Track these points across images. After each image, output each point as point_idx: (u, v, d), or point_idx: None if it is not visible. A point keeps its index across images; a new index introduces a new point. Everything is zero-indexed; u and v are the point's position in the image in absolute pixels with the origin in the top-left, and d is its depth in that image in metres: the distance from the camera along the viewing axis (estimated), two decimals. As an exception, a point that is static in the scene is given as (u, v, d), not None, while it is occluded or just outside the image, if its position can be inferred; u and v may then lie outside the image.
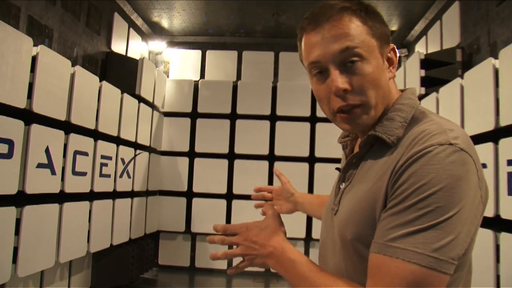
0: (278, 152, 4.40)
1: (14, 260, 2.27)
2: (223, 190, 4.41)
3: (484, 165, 2.27)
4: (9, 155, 2.18)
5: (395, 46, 1.01)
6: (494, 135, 2.25)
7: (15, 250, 2.27)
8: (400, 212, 0.79)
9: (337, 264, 0.99)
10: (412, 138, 0.87)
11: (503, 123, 2.19)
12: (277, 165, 4.38)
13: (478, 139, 2.38)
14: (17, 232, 2.28)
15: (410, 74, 3.59)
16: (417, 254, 0.75)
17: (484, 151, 2.27)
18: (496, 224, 2.19)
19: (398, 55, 1.02)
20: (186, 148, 4.53)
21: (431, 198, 0.77)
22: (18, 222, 2.29)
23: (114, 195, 3.47)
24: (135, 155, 3.83)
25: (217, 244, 1.07)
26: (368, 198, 0.90)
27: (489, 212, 2.19)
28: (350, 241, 0.92)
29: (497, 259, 2.12)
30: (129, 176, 3.72)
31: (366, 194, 0.91)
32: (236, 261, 1.07)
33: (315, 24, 0.93)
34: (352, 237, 0.91)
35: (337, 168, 1.14)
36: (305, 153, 4.36)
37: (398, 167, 0.84)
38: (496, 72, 2.27)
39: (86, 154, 2.96)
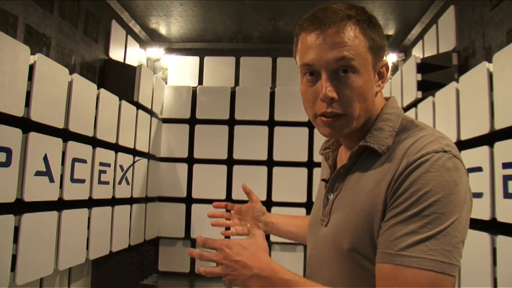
0: (276, 157, 4.41)
1: (13, 268, 2.27)
2: (223, 195, 4.41)
3: (479, 169, 2.28)
4: (7, 163, 2.19)
5: (388, 62, 1.02)
6: (489, 139, 2.26)
7: (14, 258, 2.28)
8: (406, 221, 0.80)
9: (331, 275, 0.98)
10: (407, 147, 0.88)
11: (498, 126, 2.20)
12: (276, 170, 4.39)
13: (474, 142, 2.39)
14: (15, 240, 2.29)
15: (407, 78, 3.60)
16: (432, 261, 0.77)
17: (480, 154, 2.28)
18: (493, 227, 2.19)
19: (389, 70, 1.03)
20: (185, 154, 4.53)
21: (435, 205, 0.79)
22: (16, 230, 2.30)
23: (113, 202, 3.47)
24: (134, 162, 3.84)
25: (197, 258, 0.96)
26: (364, 207, 0.90)
27: (486, 215, 2.20)
28: (347, 250, 0.92)
29: (494, 262, 2.12)
30: (128, 183, 3.72)
31: (362, 203, 0.91)
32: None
33: (316, 26, 0.92)
34: (349, 246, 0.91)
35: (323, 179, 1.12)
36: (304, 158, 4.37)
37: (397, 176, 0.85)
38: (491, 75, 2.28)
39: (84, 161, 2.97)
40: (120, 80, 3.81)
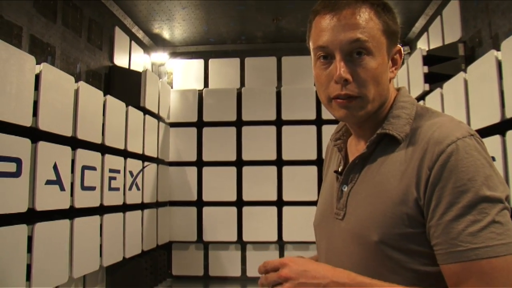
0: (285, 156, 4.39)
1: (28, 277, 2.28)
2: (233, 197, 4.40)
3: (492, 158, 2.25)
4: (17, 174, 2.19)
5: (402, 48, 1.01)
6: (501, 128, 2.23)
7: (28, 267, 2.28)
8: (462, 213, 0.78)
9: (355, 270, 0.91)
10: (430, 133, 0.87)
11: (509, 114, 2.17)
12: (286, 169, 4.37)
13: (485, 132, 2.36)
14: (29, 249, 2.29)
15: (413, 71, 3.57)
16: (504, 245, 0.76)
17: (492, 144, 2.25)
18: (508, 217, 2.16)
19: (403, 57, 1.02)
20: (193, 158, 4.53)
21: (483, 189, 0.78)
22: (30, 239, 2.30)
23: (124, 208, 3.48)
24: (143, 167, 3.85)
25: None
26: (393, 197, 0.88)
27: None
28: (376, 243, 0.89)
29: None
30: (138, 189, 3.73)
31: (390, 193, 0.89)
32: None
33: (331, 9, 0.92)
34: (378, 238, 0.88)
35: (335, 171, 1.09)
36: (313, 156, 4.35)
37: (430, 165, 0.83)
38: (499, 64, 2.25)
39: (94, 168, 2.98)
40: (126, 86, 3.82)
